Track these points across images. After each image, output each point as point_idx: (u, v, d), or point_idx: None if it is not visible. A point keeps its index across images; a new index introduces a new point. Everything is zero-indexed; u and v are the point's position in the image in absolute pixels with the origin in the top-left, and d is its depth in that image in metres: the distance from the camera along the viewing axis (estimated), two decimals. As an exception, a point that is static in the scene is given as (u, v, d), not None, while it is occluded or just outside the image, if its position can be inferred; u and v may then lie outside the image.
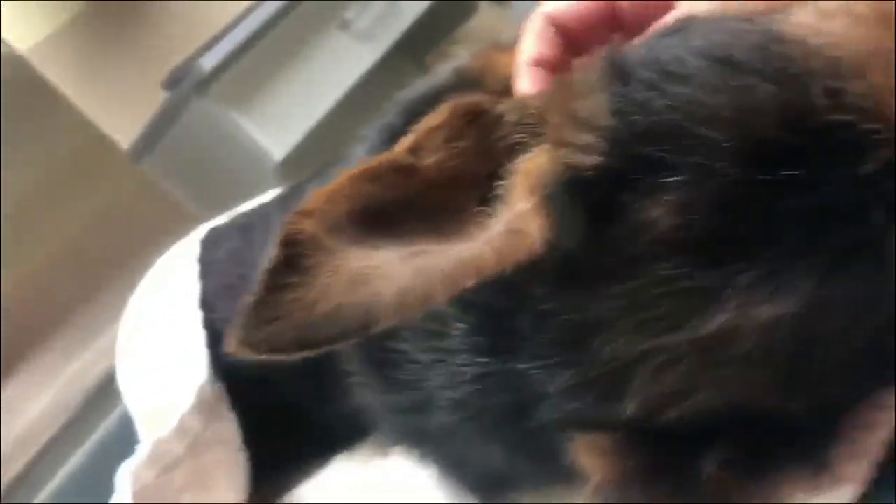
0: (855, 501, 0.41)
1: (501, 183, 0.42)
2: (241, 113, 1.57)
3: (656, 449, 0.42)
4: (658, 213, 0.38)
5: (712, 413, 0.40)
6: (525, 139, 0.43)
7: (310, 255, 0.37)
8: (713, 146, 0.37)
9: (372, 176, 0.42)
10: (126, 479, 0.59)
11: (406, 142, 0.44)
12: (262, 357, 0.36)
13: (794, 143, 0.36)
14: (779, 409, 0.39)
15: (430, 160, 0.43)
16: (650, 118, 0.38)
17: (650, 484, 0.41)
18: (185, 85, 1.55)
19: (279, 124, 1.57)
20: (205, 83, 1.55)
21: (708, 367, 0.39)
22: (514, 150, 0.43)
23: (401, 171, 0.42)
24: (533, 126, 0.43)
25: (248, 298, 0.37)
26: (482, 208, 0.41)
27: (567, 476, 0.48)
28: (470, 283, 0.37)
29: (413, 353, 0.52)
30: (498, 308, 0.45)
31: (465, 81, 0.62)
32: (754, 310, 0.38)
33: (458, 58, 0.66)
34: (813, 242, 0.37)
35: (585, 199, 0.39)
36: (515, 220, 0.39)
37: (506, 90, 0.54)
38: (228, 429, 0.65)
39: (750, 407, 0.40)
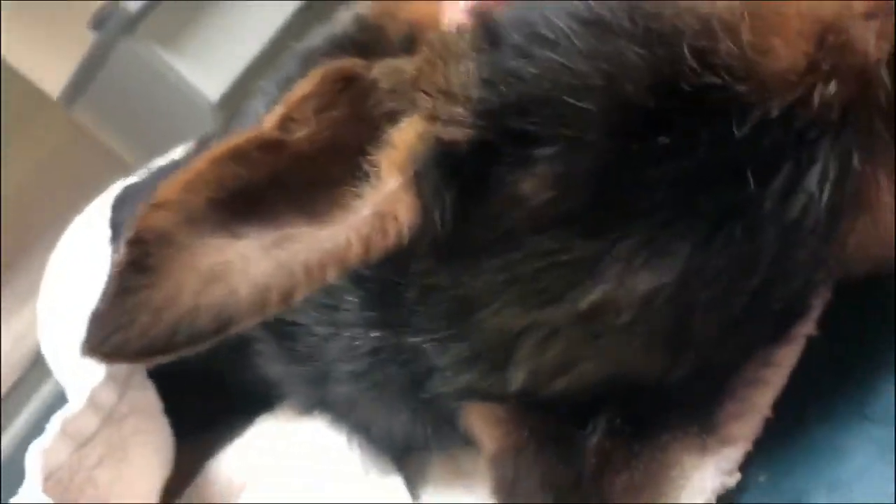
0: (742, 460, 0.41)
1: (372, 157, 0.40)
2: (171, 52, 1.50)
3: (546, 418, 0.42)
4: (531, 186, 0.37)
5: (598, 383, 0.40)
6: (400, 107, 0.41)
7: (156, 253, 0.35)
8: (583, 117, 0.35)
9: (236, 156, 0.39)
10: (37, 459, 0.58)
11: (274, 114, 0.41)
12: (112, 364, 0.34)
13: (666, 108, 0.35)
14: (663, 377, 0.39)
15: (300, 133, 0.40)
16: (519, 88, 0.36)
17: (541, 452, 0.41)
18: (112, 25, 1.48)
19: (213, 63, 1.51)
20: (132, 22, 1.48)
21: (589, 339, 0.39)
22: (391, 118, 0.41)
23: (268, 148, 0.39)
24: (407, 93, 0.41)
25: (97, 303, 0.35)
26: (353, 187, 0.39)
27: (469, 441, 0.49)
28: (333, 275, 0.36)
29: (310, 325, 0.51)
30: (386, 282, 0.44)
31: (365, 29, 0.59)
32: (632, 280, 0.37)
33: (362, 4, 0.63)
34: (688, 209, 0.36)
35: (457, 175, 0.37)
36: (382, 202, 0.37)
37: (407, 39, 0.52)
38: (146, 397, 0.64)
39: (634, 376, 0.39)
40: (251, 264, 0.35)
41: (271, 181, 0.40)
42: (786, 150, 0.35)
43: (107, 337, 0.34)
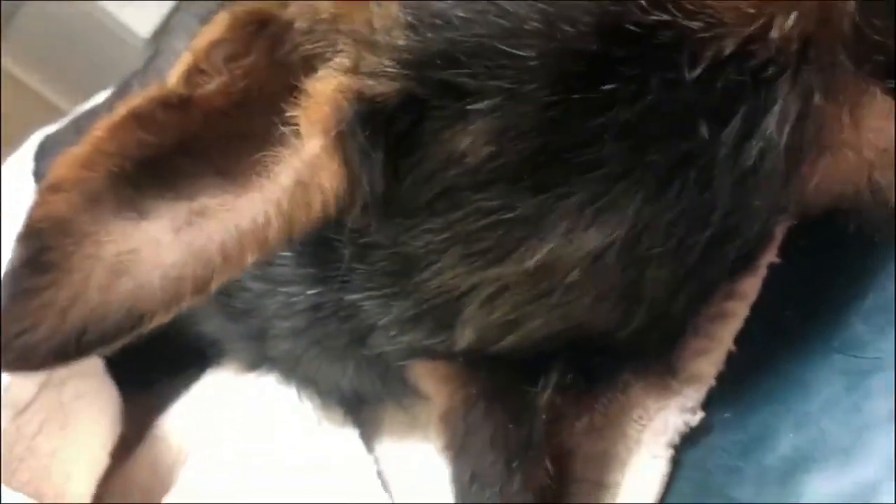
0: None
1: (292, 113, 0.36)
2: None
3: (495, 375, 0.40)
4: (468, 143, 0.33)
5: (547, 339, 0.38)
6: (319, 50, 0.37)
7: (55, 246, 0.31)
8: (520, 66, 0.32)
9: (138, 120, 0.35)
10: (-29, 430, 0.55)
11: (180, 66, 0.37)
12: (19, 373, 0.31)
13: (611, 51, 0.32)
14: (615, 331, 0.37)
15: (210, 87, 0.36)
16: (447, 34, 0.32)
17: (490, 410, 0.40)
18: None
19: (142, -3, 1.40)
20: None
21: (538, 297, 0.37)
22: (309, 64, 0.37)
23: (174, 107, 0.35)
24: (327, 35, 0.37)
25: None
26: (272, 149, 0.35)
27: (421, 394, 0.47)
28: (253, 258, 0.32)
29: (245, 281, 0.48)
30: (321, 238, 0.41)
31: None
32: (580, 237, 0.34)
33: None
34: (637, 160, 0.33)
35: (385, 133, 0.34)
36: (304, 170, 0.33)
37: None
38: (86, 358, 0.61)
39: (585, 331, 0.37)
40: (162, 251, 0.32)
41: (181, 145, 0.35)
42: (742, 91, 0.32)
43: (9, 343, 0.31)
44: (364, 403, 0.52)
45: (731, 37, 0.32)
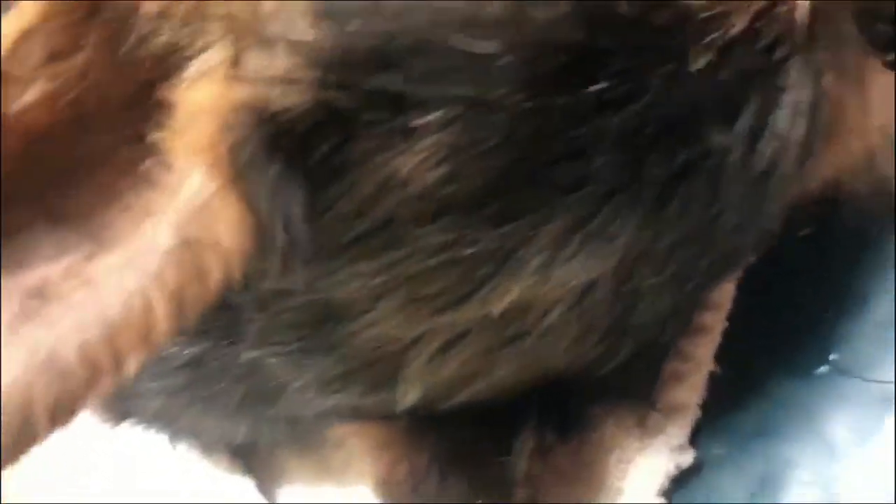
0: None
1: (155, 136, 0.25)
2: None
3: (450, 437, 0.32)
4: (412, 165, 0.25)
5: (514, 388, 0.31)
6: (181, 42, 0.27)
7: None
8: (483, 66, 0.23)
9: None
10: None
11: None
12: None
13: (598, 43, 0.24)
14: (595, 369, 0.30)
15: (27, 98, 0.26)
16: (377, 26, 0.23)
17: (450, 481, 0.32)
18: None
19: None
20: None
21: (505, 343, 0.29)
22: (170, 62, 0.27)
23: (-22, 134, 0.24)
24: (188, 21, 0.26)
25: None
26: (133, 188, 0.25)
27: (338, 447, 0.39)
28: (135, 364, 0.23)
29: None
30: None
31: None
32: (562, 273, 0.27)
33: None
34: (632, 175, 0.26)
35: (302, 159, 0.25)
36: (191, 224, 0.24)
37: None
38: None
39: (563, 372, 0.31)
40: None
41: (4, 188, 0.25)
42: (750, 81, 0.26)
43: None
44: (256, 451, 0.43)
45: (738, 13, 0.25)
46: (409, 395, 0.31)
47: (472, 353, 0.30)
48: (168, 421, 0.40)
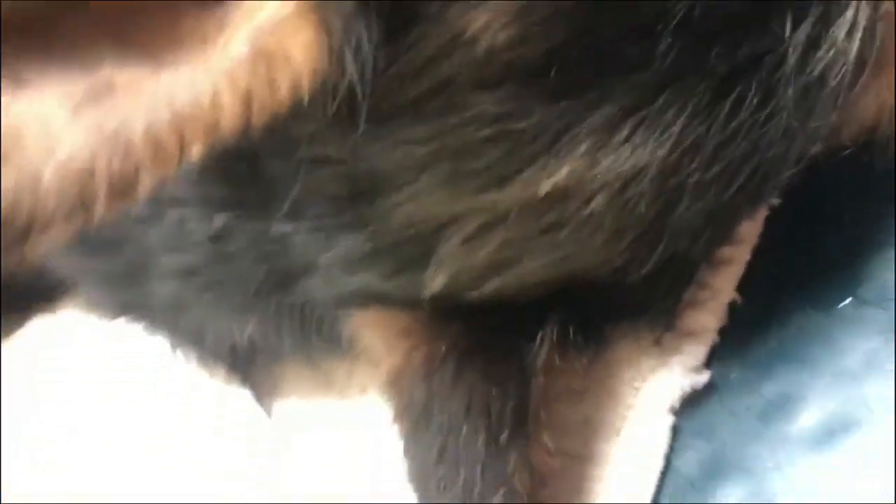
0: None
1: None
2: None
3: (470, 328, 0.32)
4: (482, 21, 0.25)
5: (541, 285, 0.31)
6: None
7: None
8: None
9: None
10: None
11: None
12: None
13: None
14: (623, 276, 0.30)
15: None
16: None
17: (466, 370, 0.32)
18: None
19: None
20: None
21: (541, 232, 0.29)
22: None
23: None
24: None
25: None
26: (205, 4, 0.25)
27: (345, 351, 0.38)
28: (195, 153, 0.23)
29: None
30: (239, 143, 0.31)
31: None
32: (611, 158, 0.27)
33: None
34: (692, 64, 0.26)
35: (380, 1, 0.25)
36: (266, 36, 0.24)
37: None
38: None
39: (590, 274, 0.31)
40: (55, 133, 0.21)
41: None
42: None
43: None
44: (254, 359, 0.42)
45: None
46: (437, 279, 0.31)
47: (507, 238, 0.30)
48: (175, 313, 0.39)
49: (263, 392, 0.44)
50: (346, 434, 0.40)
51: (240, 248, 0.34)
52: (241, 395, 0.43)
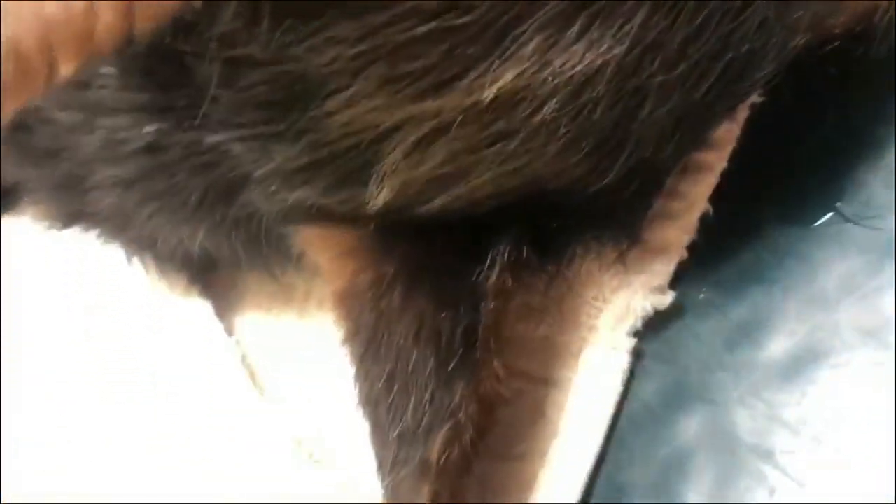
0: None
1: None
2: None
3: (419, 249, 0.30)
4: None
5: (492, 198, 0.28)
6: None
7: None
8: None
9: None
10: None
11: None
12: None
13: None
14: (585, 187, 0.28)
15: None
16: None
17: (414, 293, 0.30)
18: None
19: None
20: None
21: (490, 142, 0.27)
22: None
23: None
24: None
25: None
26: None
27: (299, 265, 0.36)
28: (66, 69, 0.20)
29: (49, 109, 0.34)
30: (160, 47, 0.28)
31: None
32: (563, 57, 0.24)
33: None
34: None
35: None
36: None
37: None
38: None
39: (546, 186, 0.28)
40: None
41: None
42: None
43: None
44: (215, 267, 0.41)
45: None
46: (381, 194, 0.28)
47: (453, 149, 0.27)
48: (122, 222, 0.38)
49: (223, 305, 0.43)
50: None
51: (175, 159, 0.32)
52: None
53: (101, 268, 0.42)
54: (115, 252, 0.42)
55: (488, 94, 0.25)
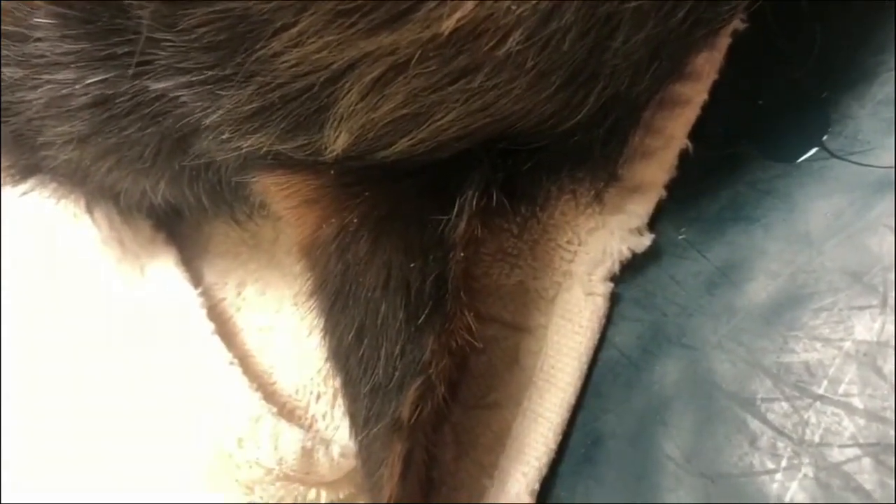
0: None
1: None
2: None
3: (385, 196, 0.28)
4: None
5: (458, 139, 0.27)
6: None
7: None
8: None
9: None
10: None
11: None
12: None
13: None
14: (557, 123, 0.26)
15: None
16: None
17: (381, 243, 0.28)
18: None
19: None
20: None
21: (451, 79, 0.25)
22: None
23: None
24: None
25: None
26: None
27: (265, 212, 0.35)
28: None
29: (-8, 63, 0.32)
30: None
31: None
32: None
33: None
34: None
35: None
36: None
37: None
38: None
39: (516, 124, 0.26)
40: None
41: None
42: None
43: None
44: (181, 214, 0.39)
45: None
46: (339, 138, 0.27)
47: (413, 88, 0.25)
48: (81, 177, 0.36)
49: (190, 254, 0.41)
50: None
51: (124, 111, 0.30)
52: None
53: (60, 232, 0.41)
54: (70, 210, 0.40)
55: (447, 25, 0.23)
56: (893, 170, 0.26)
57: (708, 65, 0.30)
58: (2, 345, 0.41)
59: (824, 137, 0.28)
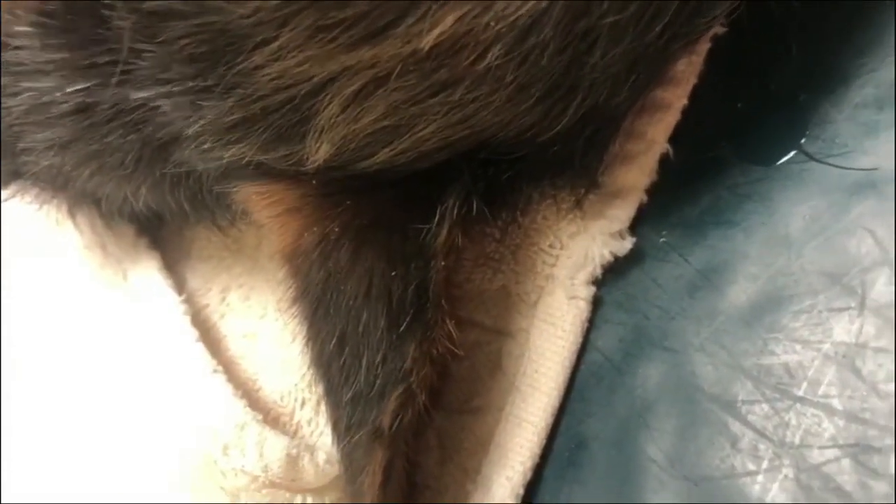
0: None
1: None
2: None
3: (366, 205, 0.29)
4: None
5: (439, 151, 0.27)
6: None
7: None
8: None
9: None
10: None
11: None
12: None
13: None
14: (538, 132, 0.27)
15: None
16: None
17: (363, 252, 0.28)
18: None
19: None
20: None
21: (432, 92, 0.25)
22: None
23: None
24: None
25: None
26: None
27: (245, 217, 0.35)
28: None
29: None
30: (80, 2, 0.26)
31: None
32: (502, 1, 0.23)
33: None
34: None
35: None
36: None
37: None
38: None
39: (496, 135, 0.27)
40: None
41: None
42: None
43: None
44: (165, 220, 0.39)
45: None
46: (320, 149, 0.27)
47: (394, 101, 0.25)
48: (62, 182, 0.36)
49: (176, 257, 0.41)
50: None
51: (105, 119, 0.30)
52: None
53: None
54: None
55: (427, 41, 0.24)
56: (870, 172, 0.26)
57: (688, 70, 0.30)
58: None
59: (802, 140, 0.28)
